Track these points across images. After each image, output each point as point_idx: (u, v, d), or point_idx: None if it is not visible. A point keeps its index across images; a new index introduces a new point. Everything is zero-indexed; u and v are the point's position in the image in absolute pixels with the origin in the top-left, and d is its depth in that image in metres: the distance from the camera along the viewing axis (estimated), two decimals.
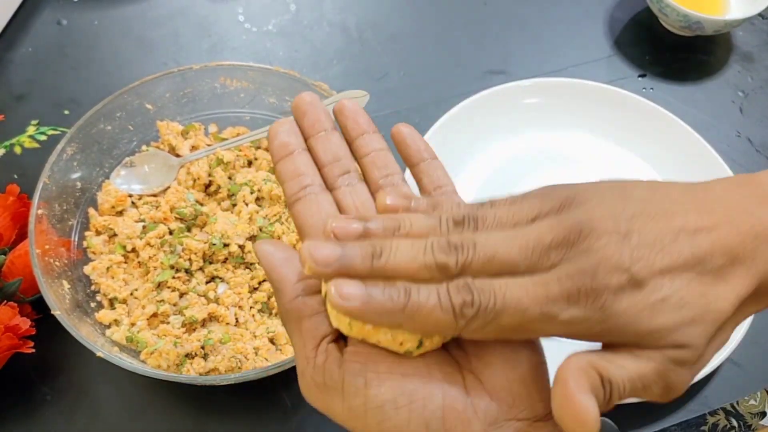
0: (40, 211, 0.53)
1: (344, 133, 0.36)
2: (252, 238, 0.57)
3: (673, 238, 0.27)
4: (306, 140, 0.35)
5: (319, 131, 0.35)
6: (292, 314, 0.29)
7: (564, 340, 0.54)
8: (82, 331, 0.49)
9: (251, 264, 0.57)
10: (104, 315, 0.54)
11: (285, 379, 0.55)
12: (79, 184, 0.58)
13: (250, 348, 0.53)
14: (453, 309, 0.26)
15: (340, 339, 0.29)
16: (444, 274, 0.27)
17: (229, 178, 0.61)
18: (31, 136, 0.69)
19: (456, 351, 0.30)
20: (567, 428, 0.26)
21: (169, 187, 0.60)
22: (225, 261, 0.57)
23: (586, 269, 0.26)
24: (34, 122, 0.70)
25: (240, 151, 0.62)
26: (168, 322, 0.54)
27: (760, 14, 0.74)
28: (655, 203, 0.28)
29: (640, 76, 0.78)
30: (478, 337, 0.27)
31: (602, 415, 0.27)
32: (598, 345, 0.29)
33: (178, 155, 0.62)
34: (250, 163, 0.63)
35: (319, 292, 0.29)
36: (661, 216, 0.27)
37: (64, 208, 0.57)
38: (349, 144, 0.35)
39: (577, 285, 0.26)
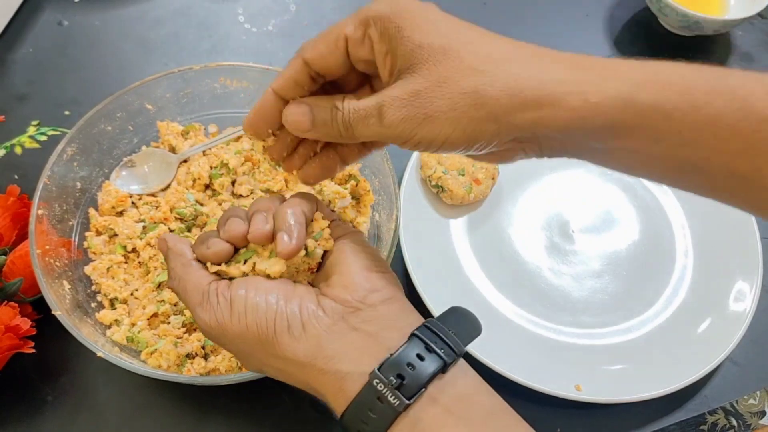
0: (40, 212, 0.53)
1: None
2: None
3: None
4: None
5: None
6: (189, 268, 0.40)
7: (567, 339, 0.53)
8: (82, 331, 0.49)
9: None
10: (105, 315, 0.54)
11: None
12: (79, 184, 0.58)
13: None
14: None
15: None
16: None
17: (232, 184, 0.61)
18: (31, 137, 0.69)
19: (316, 288, 0.40)
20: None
21: (169, 186, 0.61)
22: None
23: None
24: (34, 122, 0.70)
25: (242, 154, 0.62)
26: (168, 322, 0.54)
27: (759, 14, 0.74)
28: None
29: None
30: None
31: None
32: None
33: None
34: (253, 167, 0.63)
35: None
36: None
37: (65, 208, 0.57)
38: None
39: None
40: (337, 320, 0.37)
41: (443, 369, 0.35)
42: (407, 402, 0.34)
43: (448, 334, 0.36)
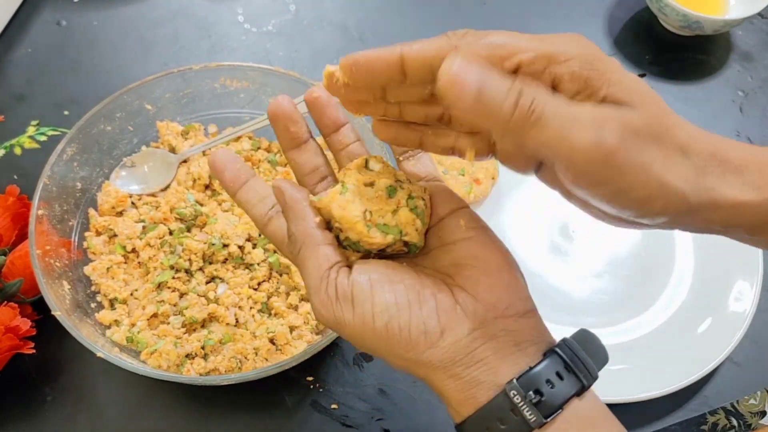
0: (40, 212, 0.53)
1: (319, 127, 0.39)
2: (252, 238, 0.57)
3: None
4: (286, 151, 0.38)
5: (298, 143, 0.38)
6: (310, 239, 0.34)
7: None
8: (82, 331, 0.49)
9: (251, 264, 0.57)
10: (104, 315, 0.54)
11: (285, 379, 0.56)
12: (79, 184, 0.58)
13: (250, 348, 0.53)
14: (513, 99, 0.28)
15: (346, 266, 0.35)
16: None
17: None
18: (31, 137, 0.69)
19: (441, 275, 0.35)
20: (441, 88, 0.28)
21: (169, 186, 0.60)
22: (225, 261, 0.57)
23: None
24: (34, 123, 0.70)
25: (242, 154, 0.62)
26: (168, 323, 0.54)
27: (759, 14, 0.74)
28: None
29: (639, 75, 0.78)
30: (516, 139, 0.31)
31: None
32: None
33: None
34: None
35: (328, 229, 0.35)
36: None
37: (65, 208, 0.57)
38: (325, 137, 0.39)
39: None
40: (478, 325, 0.33)
41: (579, 392, 0.33)
42: (544, 420, 0.32)
43: (585, 357, 0.34)
